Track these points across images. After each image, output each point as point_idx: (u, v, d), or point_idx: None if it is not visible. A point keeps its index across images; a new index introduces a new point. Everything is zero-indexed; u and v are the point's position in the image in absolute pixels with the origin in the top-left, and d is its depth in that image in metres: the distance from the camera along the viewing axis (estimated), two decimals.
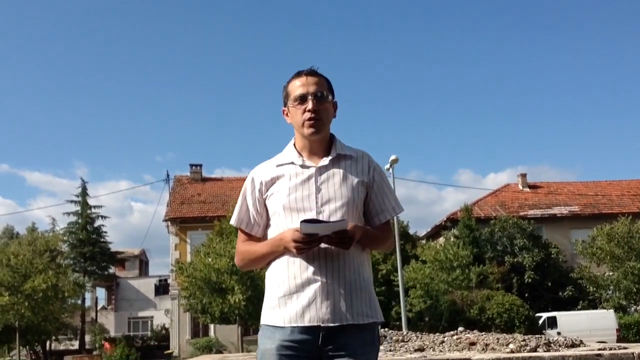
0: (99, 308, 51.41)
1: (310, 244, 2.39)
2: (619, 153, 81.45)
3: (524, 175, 42.02)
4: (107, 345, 38.30)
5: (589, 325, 26.19)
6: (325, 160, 2.59)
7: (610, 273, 26.62)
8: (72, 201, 46.56)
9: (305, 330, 2.43)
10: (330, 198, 2.52)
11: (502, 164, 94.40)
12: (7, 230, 50.04)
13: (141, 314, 49.74)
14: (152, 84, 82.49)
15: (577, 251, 28.02)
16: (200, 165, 43.97)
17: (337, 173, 2.58)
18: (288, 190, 2.54)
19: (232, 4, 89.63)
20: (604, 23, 75.17)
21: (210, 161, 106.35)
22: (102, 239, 47.42)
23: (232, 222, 2.72)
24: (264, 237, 2.66)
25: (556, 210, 37.95)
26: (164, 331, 44.73)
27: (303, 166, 2.59)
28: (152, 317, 49.19)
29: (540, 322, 26.77)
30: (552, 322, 27.18)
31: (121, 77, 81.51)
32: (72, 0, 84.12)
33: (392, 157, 25.95)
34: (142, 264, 58.45)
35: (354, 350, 2.45)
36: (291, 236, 2.42)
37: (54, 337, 37.53)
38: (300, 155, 2.62)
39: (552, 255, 33.97)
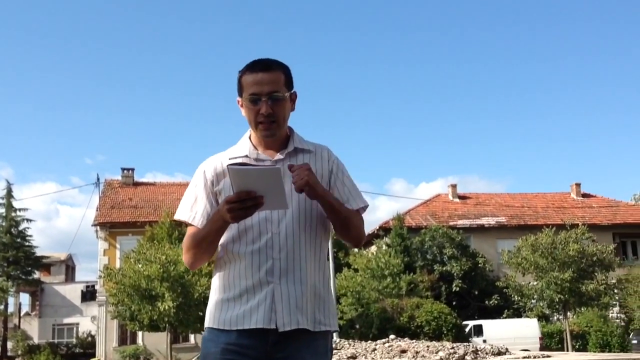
0: (22, 314, 49.79)
1: (246, 202, 2.13)
2: (546, 166, 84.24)
3: (454, 186, 42.98)
4: None
5: (514, 333, 26.91)
6: (282, 154, 2.42)
7: (535, 283, 27.38)
8: None
9: (252, 333, 2.26)
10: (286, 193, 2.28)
11: (434, 173, 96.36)
12: None
13: (66, 320, 48.37)
14: (82, 82, 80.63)
15: (503, 261, 28.75)
16: (133, 169, 43.23)
17: None
18: None
19: None
20: (522, 31, 77.69)
21: (142, 165, 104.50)
22: (27, 243, 45.98)
23: (181, 217, 2.45)
24: None
25: (484, 221, 38.88)
26: (90, 338, 43.66)
27: (257, 160, 2.41)
28: (77, 323, 47.90)
29: (467, 329, 27.37)
30: (479, 330, 27.82)
31: (49, 74, 79.37)
32: None
33: None
34: (69, 269, 56.93)
35: (305, 359, 2.30)
36: (225, 199, 2.19)
37: None
38: (256, 148, 2.45)
39: (480, 265, 34.80)
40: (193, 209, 2.44)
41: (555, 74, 76.06)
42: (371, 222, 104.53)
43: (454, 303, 31.98)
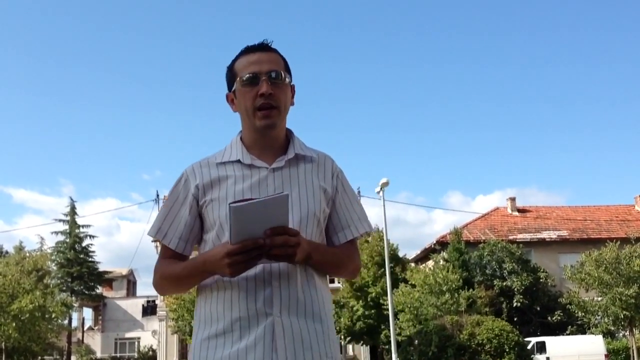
0: (85, 328, 51.00)
1: (251, 253, 1.81)
2: (608, 178, 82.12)
3: (513, 199, 42.30)
4: None
5: (578, 350, 26.29)
6: (281, 161, 2.08)
7: (599, 299, 26.68)
8: (60, 220, 46.44)
9: None
10: None
11: (491, 186, 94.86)
12: None
13: (128, 334, 49.39)
14: (139, 101, 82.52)
15: (566, 276, 28.12)
16: None
17: (295, 177, 2.08)
18: (233, 196, 1.99)
19: (235, 21, 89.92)
20: (603, 50, 76.04)
21: None
22: (90, 259, 47.31)
23: (152, 233, 2.12)
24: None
25: (545, 235, 38.15)
26: (151, 352, 44.44)
27: (252, 166, 2.06)
28: (139, 338, 48.84)
29: (529, 347, 26.78)
30: (541, 347, 27.22)
31: (108, 94, 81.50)
32: (60, 9, 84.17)
33: (383, 180, 25.97)
34: (130, 284, 58.17)
35: None
36: (223, 250, 1.84)
37: (39, 358, 37.14)
38: (249, 152, 2.10)
39: (541, 280, 34.07)
40: (165, 225, 2.10)
41: (616, 81, 74.24)
42: (427, 235, 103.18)
43: (515, 319, 31.35)
